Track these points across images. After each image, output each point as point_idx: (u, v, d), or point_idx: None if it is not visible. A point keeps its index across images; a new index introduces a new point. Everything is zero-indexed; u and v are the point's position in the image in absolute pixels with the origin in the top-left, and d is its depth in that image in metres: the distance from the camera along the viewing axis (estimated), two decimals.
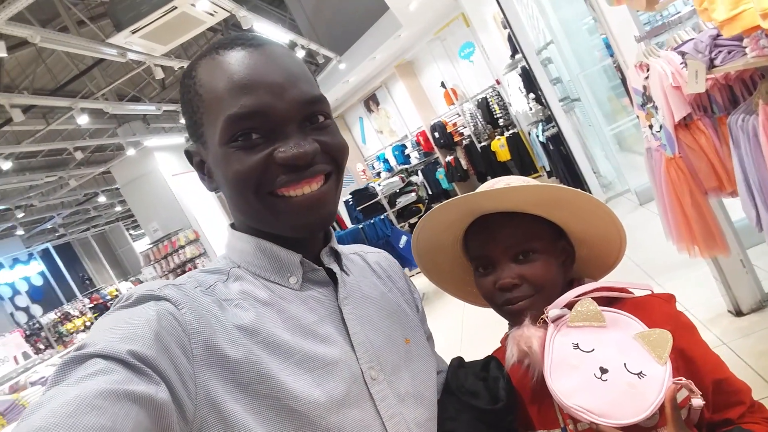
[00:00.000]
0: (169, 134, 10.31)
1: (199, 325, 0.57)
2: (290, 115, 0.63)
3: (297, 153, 0.62)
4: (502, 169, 9.97)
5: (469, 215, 0.84)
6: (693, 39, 1.93)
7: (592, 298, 0.76)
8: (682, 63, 2.00)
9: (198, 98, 0.65)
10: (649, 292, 0.82)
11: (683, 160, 2.17)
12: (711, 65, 1.82)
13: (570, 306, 0.76)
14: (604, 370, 0.68)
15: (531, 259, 0.80)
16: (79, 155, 7.94)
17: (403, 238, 6.03)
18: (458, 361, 0.82)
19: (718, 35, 1.80)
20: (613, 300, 0.79)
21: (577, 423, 0.74)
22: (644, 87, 2.32)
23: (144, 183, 9.85)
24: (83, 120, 6.19)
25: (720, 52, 1.78)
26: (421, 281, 6.50)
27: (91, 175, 10.50)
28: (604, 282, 0.82)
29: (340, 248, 0.77)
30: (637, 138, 6.06)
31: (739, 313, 2.56)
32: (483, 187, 0.86)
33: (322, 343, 0.64)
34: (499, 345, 0.92)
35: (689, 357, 0.73)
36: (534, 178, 8.17)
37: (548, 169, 7.53)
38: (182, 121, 6.00)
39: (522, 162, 9.39)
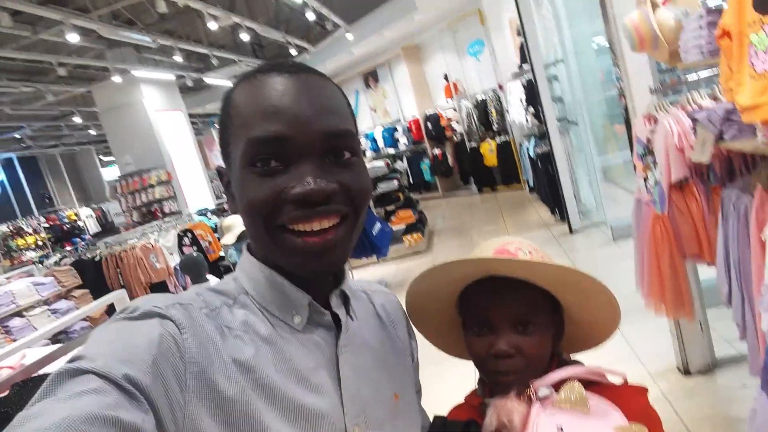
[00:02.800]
0: (159, 68, 9.97)
1: (198, 354, 0.57)
2: (311, 145, 0.62)
3: (310, 190, 0.60)
4: (487, 174, 10.02)
5: (480, 274, 0.83)
6: (708, 108, 1.94)
7: (578, 378, 0.77)
8: (692, 128, 2.01)
9: (228, 119, 0.65)
10: (622, 380, 0.83)
11: (670, 221, 2.20)
12: (720, 138, 1.83)
13: (556, 386, 0.76)
14: None
15: (530, 331, 0.80)
16: (62, 71, 7.59)
17: (377, 225, 6.00)
18: (441, 422, 0.82)
19: (733, 110, 1.80)
20: (591, 383, 0.80)
21: None
22: (648, 139, 2.33)
23: (125, 112, 9.54)
24: (73, 38, 5.92)
25: (731, 127, 1.79)
26: (383, 270, 6.53)
27: (70, 93, 10.09)
28: (586, 365, 0.83)
29: (350, 286, 0.76)
30: (624, 171, 6.15)
31: (687, 372, 2.64)
32: (491, 246, 0.85)
33: (313, 392, 0.64)
34: (462, 401, 0.92)
35: None
36: (515, 190, 8.27)
37: (531, 184, 7.59)
38: (176, 57, 5.82)
39: (507, 171, 9.46)
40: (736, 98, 1.47)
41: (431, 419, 0.86)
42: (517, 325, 0.80)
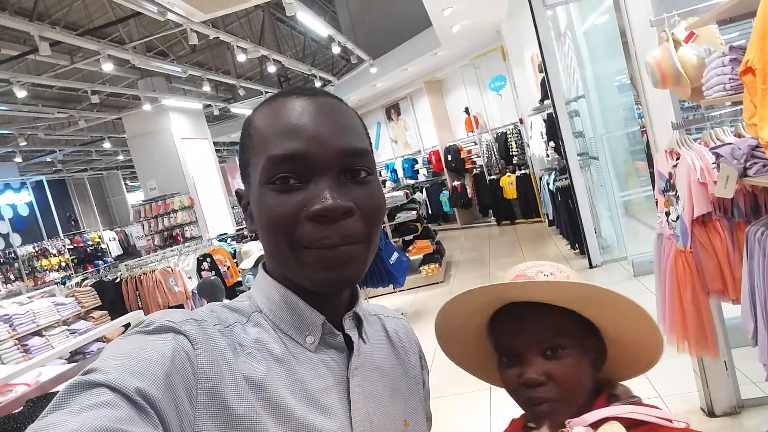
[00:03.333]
0: (188, 97, 10.27)
1: (210, 370, 0.57)
2: (328, 162, 0.63)
3: (328, 205, 0.61)
4: (506, 206, 9.98)
5: (499, 301, 0.81)
6: (731, 144, 1.93)
7: (621, 418, 0.72)
8: (714, 164, 2.00)
9: (249, 140, 0.67)
10: (685, 425, 0.74)
11: (693, 256, 2.17)
12: (744, 174, 1.82)
13: (595, 425, 0.72)
14: None
15: (560, 355, 0.76)
16: (95, 99, 7.87)
17: (395, 255, 6.00)
18: None
19: (757, 146, 1.80)
20: (640, 423, 0.73)
21: None
22: (670, 174, 2.32)
23: (152, 139, 9.80)
24: (108, 67, 6.15)
25: (755, 163, 1.78)
26: (400, 300, 6.50)
27: (102, 120, 10.43)
28: (635, 406, 0.77)
29: (362, 309, 0.76)
30: (645, 207, 6.08)
31: (711, 413, 2.55)
32: (513, 273, 0.83)
33: (322, 414, 0.63)
34: (518, 418, 0.88)
35: None
36: (534, 223, 8.17)
37: (551, 217, 7.54)
38: (204, 87, 5.99)
39: (527, 204, 9.42)
40: (760, 133, 1.47)
41: None
42: (546, 351, 0.76)
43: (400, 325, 0.87)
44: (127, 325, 3.02)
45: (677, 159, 2.27)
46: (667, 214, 2.37)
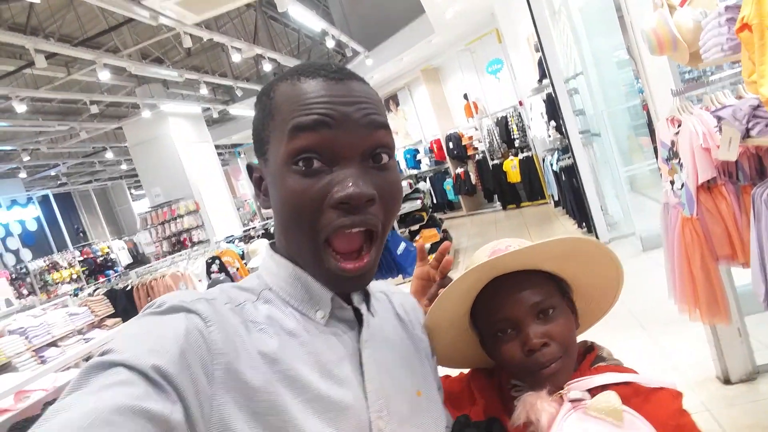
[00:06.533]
0: (186, 101, 10.29)
1: (225, 346, 0.57)
2: (356, 147, 0.64)
3: (353, 193, 0.62)
4: (511, 190, 9.95)
5: (483, 281, 0.81)
6: (732, 105, 1.90)
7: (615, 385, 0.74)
8: (716, 127, 1.98)
9: (270, 117, 0.66)
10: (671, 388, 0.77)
11: (700, 223, 2.15)
12: (746, 135, 1.80)
13: (591, 391, 0.74)
14: None
15: (552, 316, 0.79)
16: (94, 109, 7.90)
17: (402, 245, 6.01)
18: (464, 419, 0.79)
19: (759, 106, 1.77)
20: (624, 383, 0.76)
21: None
22: (672, 142, 2.30)
23: (154, 146, 9.84)
24: (105, 76, 6.16)
25: (758, 123, 1.75)
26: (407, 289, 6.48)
27: (102, 130, 10.47)
28: (629, 373, 0.79)
29: (370, 285, 0.76)
30: (651, 182, 6.03)
31: (727, 381, 2.53)
32: (485, 254, 0.83)
33: (337, 384, 0.64)
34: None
35: None
36: (540, 205, 8.13)
37: (556, 198, 7.51)
38: (202, 91, 5.95)
39: (531, 186, 9.38)
40: (761, 90, 1.44)
41: None
42: (539, 314, 0.79)
43: (406, 299, 0.88)
44: None
45: (679, 126, 2.24)
46: (672, 182, 2.35)
